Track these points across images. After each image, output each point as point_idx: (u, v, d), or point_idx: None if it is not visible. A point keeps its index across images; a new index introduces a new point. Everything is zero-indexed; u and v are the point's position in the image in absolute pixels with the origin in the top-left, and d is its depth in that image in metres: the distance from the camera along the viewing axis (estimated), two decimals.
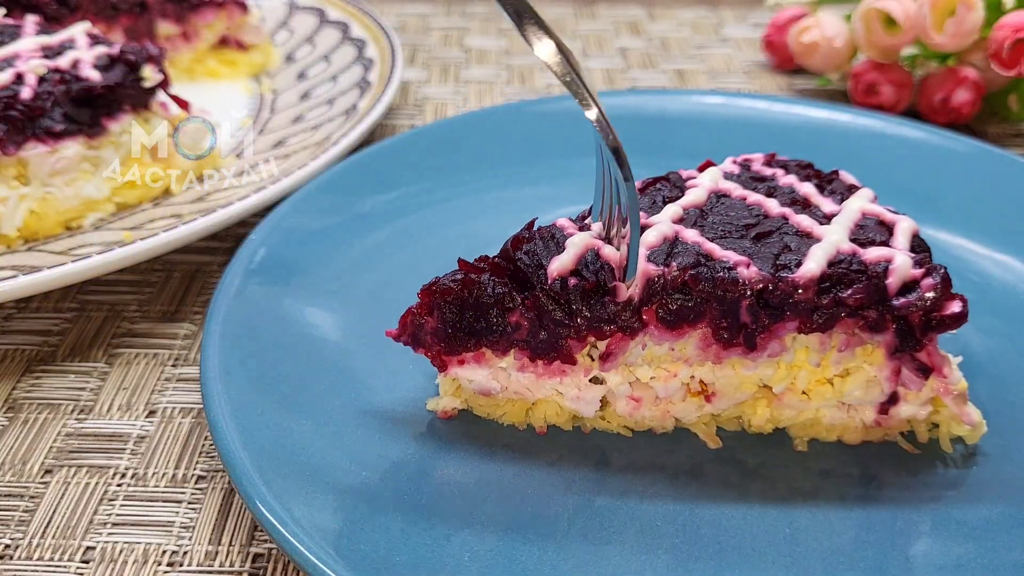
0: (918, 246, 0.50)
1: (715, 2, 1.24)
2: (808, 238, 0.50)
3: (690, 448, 0.52)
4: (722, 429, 0.53)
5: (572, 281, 0.48)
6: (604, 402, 0.53)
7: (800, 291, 0.47)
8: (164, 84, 0.72)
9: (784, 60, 1.04)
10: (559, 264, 0.48)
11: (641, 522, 0.47)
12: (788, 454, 0.52)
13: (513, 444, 0.52)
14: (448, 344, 0.50)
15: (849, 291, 0.47)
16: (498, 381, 0.52)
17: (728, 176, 0.57)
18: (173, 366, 0.61)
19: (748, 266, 0.48)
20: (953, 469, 0.50)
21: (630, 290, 0.47)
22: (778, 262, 0.48)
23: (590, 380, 0.51)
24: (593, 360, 0.50)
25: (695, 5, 1.23)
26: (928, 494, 0.49)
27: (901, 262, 0.48)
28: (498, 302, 0.48)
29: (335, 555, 0.41)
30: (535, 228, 0.51)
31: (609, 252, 0.48)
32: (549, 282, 0.47)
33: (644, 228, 0.51)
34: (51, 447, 0.55)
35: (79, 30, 0.73)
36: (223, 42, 0.94)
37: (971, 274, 0.64)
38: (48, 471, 0.53)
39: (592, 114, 0.45)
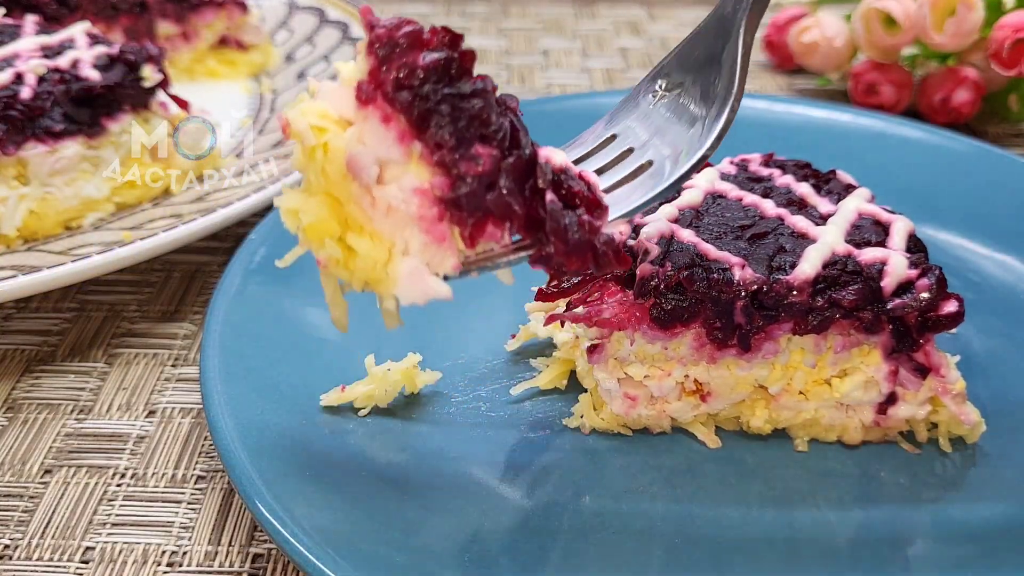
0: (914, 246, 0.50)
1: (715, 2, 1.24)
2: (803, 239, 0.50)
3: (689, 448, 0.52)
4: (721, 429, 0.53)
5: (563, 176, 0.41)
6: (599, 402, 0.53)
7: (795, 292, 0.47)
8: (164, 84, 0.71)
9: (784, 60, 1.04)
10: (557, 155, 0.42)
11: (639, 522, 0.47)
12: (787, 454, 0.52)
13: (508, 446, 0.52)
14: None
15: (844, 292, 0.47)
16: None
17: (725, 177, 0.57)
18: (173, 366, 0.61)
19: (743, 267, 0.48)
20: (952, 469, 0.50)
21: (614, 229, 0.42)
22: (773, 263, 0.48)
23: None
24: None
25: (695, 5, 1.23)
26: (928, 494, 0.49)
27: (896, 263, 0.48)
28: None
29: (335, 555, 0.41)
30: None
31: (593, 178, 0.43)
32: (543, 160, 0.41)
33: (639, 227, 0.51)
34: (50, 447, 0.54)
35: (79, 30, 0.73)
36: (223, 42, 0.94)
37: (970, 274, 0.64)
38: (48, 471, 0.53)
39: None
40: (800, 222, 0.53)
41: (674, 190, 0.44)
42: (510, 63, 1.07)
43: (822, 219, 0.53)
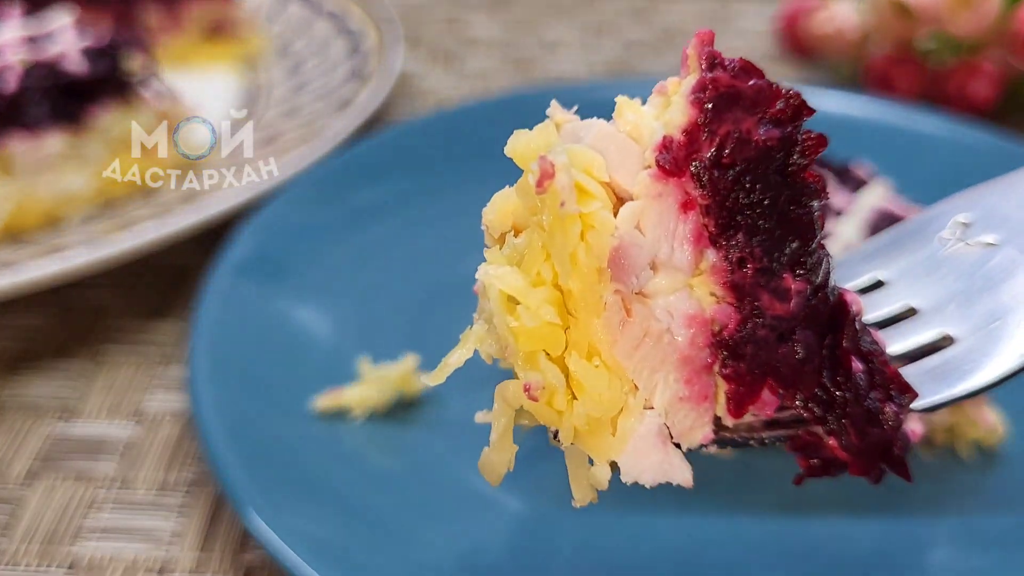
0: None
1: None
2: None
3: (699, 455, 0.50)
4: None
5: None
6: None
7: None
8: (152, 74, 0.70)
9: (797, 51, 1.02)
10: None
11: (646, 532, 0.45)
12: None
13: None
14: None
15: None
16: None
17: None
18: (163, 366, 0.59)
19: None
20: (972, 475, 0.49)
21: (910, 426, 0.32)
22: None
23: None
24: None
25: None
26: (947, 502, 0.47)
27: None
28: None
29: (329, 565, 0.40)
30: None
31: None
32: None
33: None
34: (36, 451, 0.53)
35: (64, 19, 0.71)
36: (214, 31, 0.92)
37: None
38: (33, 476, 0.51)
39: None
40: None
41: (992, 388, 0.31)
42: (511, 53, 1.05)
43: (836, 213, 0.52)
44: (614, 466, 0.29)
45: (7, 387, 0.58)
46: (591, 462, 0.29)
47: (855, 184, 0.56)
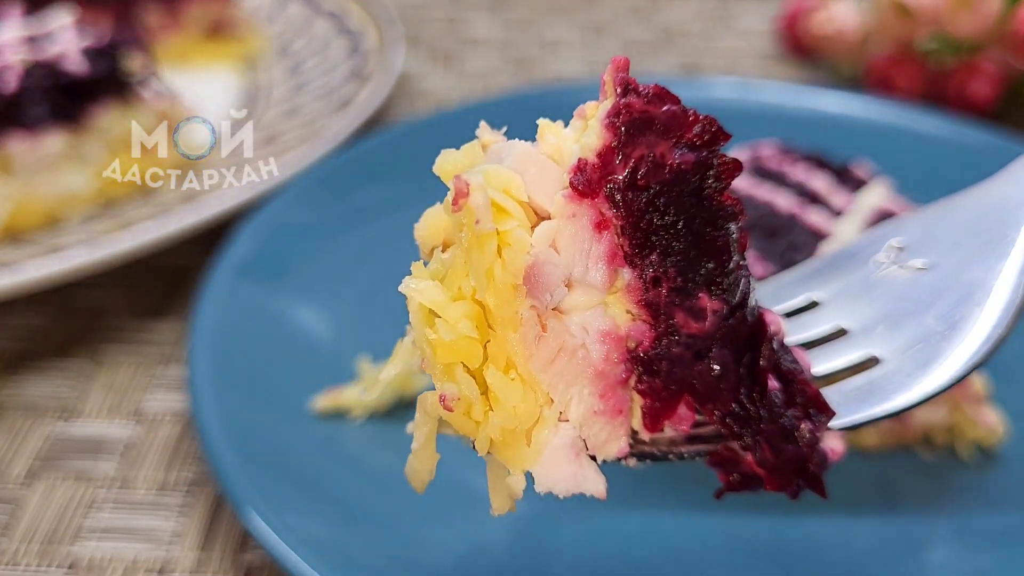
0: None
1: None
2: (817, 235, 0.49)
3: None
4: None
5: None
6: None
7: None
8: (152, 74, 0.70)
9: (797, 51, 1.01)
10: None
11: (646, 531, 0.45)
12: None
13: None
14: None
15: None
16: None
17: None
18: (163, 365, 0.59)
19: (755, 264, 0.46)
20: (972, 475, 0.49)
21: (829, 444, 0.31)
22: (785, 260, 0.47)
23: None
24: None
25: None
26: (947, 502, 0.47)
27: None
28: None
29: (329, 566, 0.40)
30: None
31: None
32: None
33: None
34: (35, 451, 0.53)
35: (64, 19, 0.71)
36: (214, 31, 0.92)
37: None
38: (33, 476, 0.51)
39: None
40: (814, 217, 0.51)
41: (911, 409, 0.32)
42: (512, 53, 1.05)
43: (837, 214, 0.52)
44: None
45: (7, 387, 0.58)
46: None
47: (855, 184, 0.56)
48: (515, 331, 0.28)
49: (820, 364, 0.33)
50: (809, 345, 0.34)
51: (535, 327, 0.28)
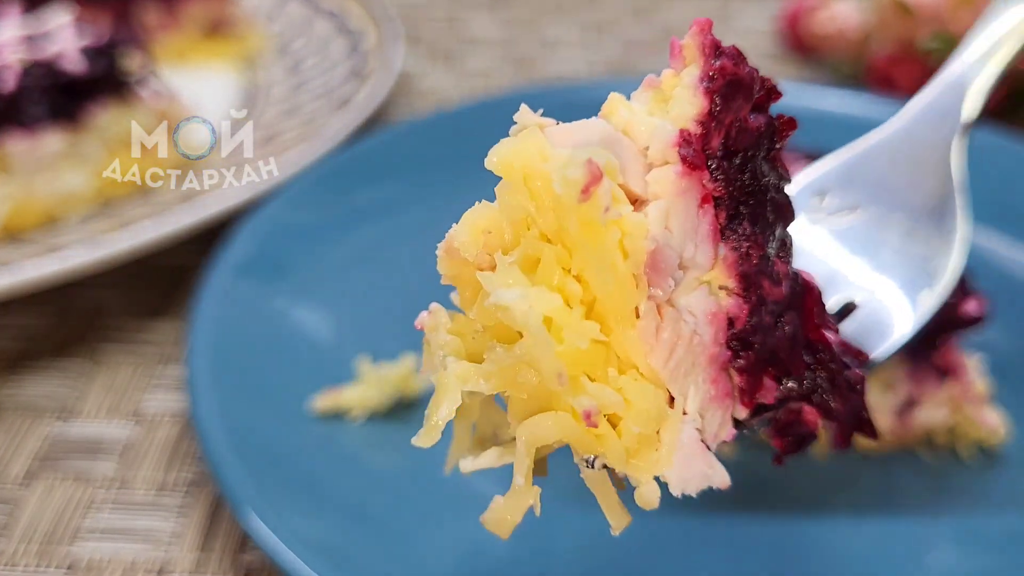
0: None
1: None
2: None
3: None
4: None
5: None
6: None
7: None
8: (151, 73, 0.70)
9: (798, 50, 1.01)
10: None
11: (646, 534, 0.45)
12: (803, 462, 0.50)
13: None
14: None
15: None
16: None
17: None
18: (162, 365, 0.59)
19: None
20: (974, 476, 0.48)
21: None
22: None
23: None
24: None
25: None
26: (949, 503, 0.47)
27: None
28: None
29: (328, 567, 0.39)
30: None
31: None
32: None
33: None
34: (34, 451, 0.53)
35: (62, 18, 0.71)
36: (213, 30, 0.92)
37: (997, 271, 0.62)
38: (32, 476, 0.51)
39: None
40: None
41: (913, 338, 0.32)
42: (512, 53, 1.04)
43: None
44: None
45: (5, 387, 0.58)
46: (627, 483, 0.27)
47: None
48: (633, 327, 0.26)
49: None
50: None
51: (655, 319, 0.26)
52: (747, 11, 1.15)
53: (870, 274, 0.35)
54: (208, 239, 0.64)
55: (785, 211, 0.28)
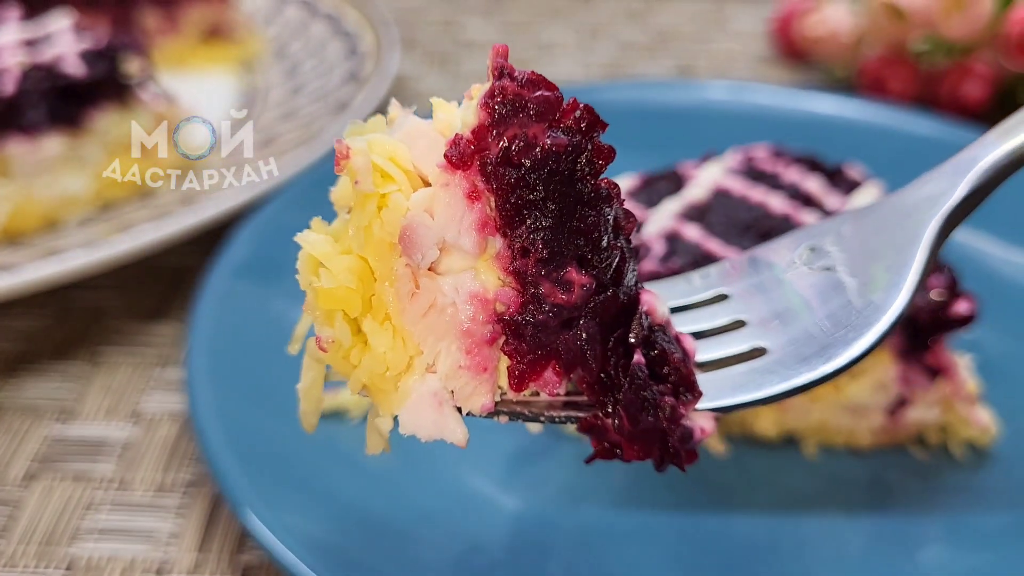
0: None
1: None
2: None
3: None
4: (728, 435, 0.52)
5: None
6: None
7: None
8: (150, 77, 0.70)
9: (790, 53, 1.02)
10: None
11: (642, 531, 0.45)
12: (796, 460, 0.50)
13: (506, 453, 0.50)
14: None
15: None
16: None
17: (730, 171, 0.56)
18: (161, 367, 0.59)
19: None
20: (965, 474, 0.49)
21: (697, 422, 0.33)
22: None
23: None
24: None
25: None
26: (940, 501, 0.48)
27: None
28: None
29: (326, 566, 0.40)
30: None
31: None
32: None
33: (641, 224, 0.50)
34: (34, 452, 0.53)
35: (62, 22, 0.71)
36: (211, 34, 0.92)
37: (986, 273, 0.63)
38: (31, 477, 0.51)
39: None
40: (807, 219, 0.52)
41: (781, 399, 0.34)
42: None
43: (830, 215, 0.52)
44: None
45: (5, 388, 0.58)
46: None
47: (848, 186, 0.56)
48: (391, 285, 0.31)
49: (709, 351, 0.35)
50: (706, 334, 0.36)
51: (409, 283, 0.31)
52: (740, 14, 1.16)
53: (799, 330, 0.35)
54: (207, 241, 0.64)
55: (591, 228, 0.30)
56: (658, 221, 0.50)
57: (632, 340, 0.31)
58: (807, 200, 0.54)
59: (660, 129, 0.76)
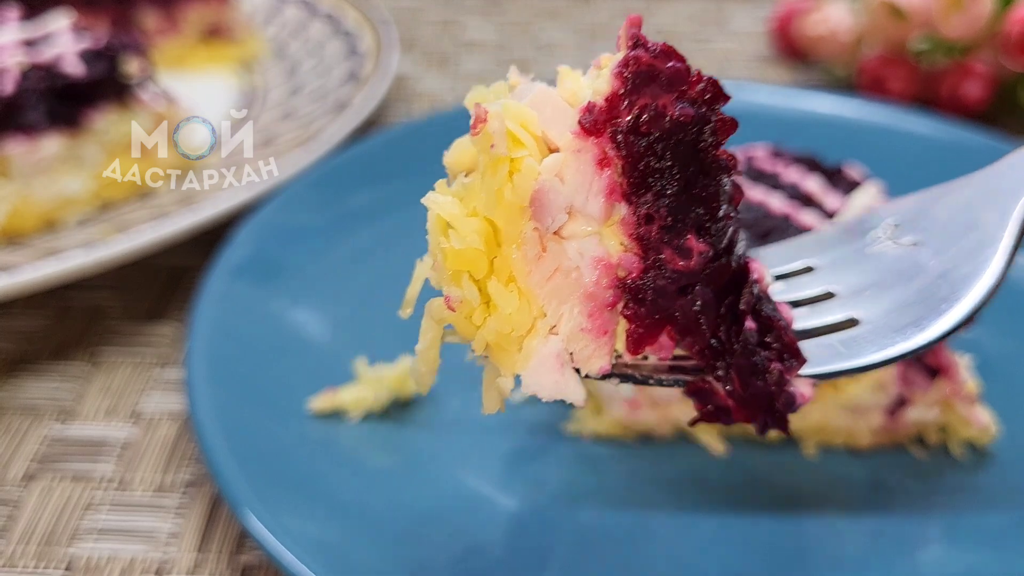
0: None
1: None
2: None
3: (693, 454, 0.50)
4: (727, 435, 0.52)
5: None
6: (598, 405, 0.51)
7: None
8: (149, 77, 0.70)
9: (790, 53, 1.02)
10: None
11: (641, 532, 0.45)
12: (795, 460, 0.50)
13: (505, 453, 0.50)
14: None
15: None
16: None
17: None
18: (160, 367, 0.59)
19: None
20: (964, 474, 0.49)
21: (799, 388, 0.34)
22: None
23: None
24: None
25: None
26: (939, 500, 0.47)
27: None
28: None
29: (325, 566, 0.40)
30: None
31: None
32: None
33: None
34: (33, 453, 0.53)
35: (61, 22, 0.71)
36: (211, 34, 0.92)
37: None
38: (31, 477, 0.51)
39: None
40: (807, 219, 0.52)
41: (878, 367, 0.35)
42: (506, 55, 1.05)
43: (829, 216, 0.52)
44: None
45: (5, 388, 0.58)
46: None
47: (847, 186, 0.56)
48: (518, 248, 0.32)
49: (804, 321, 0.37)
50: (799, 304, 0.38)
51: (536, 247, 0.31)
52: (740, 13, 1.16)
53: (890, 302, 0.36)
54: (206, 241, 0.65)
55: (711, 197, 0.31)
56: None
57: (743, 307, 0.32)
58: (807, 200, 0.54)
59: None
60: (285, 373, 0.53)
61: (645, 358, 0.33)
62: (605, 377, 0.33)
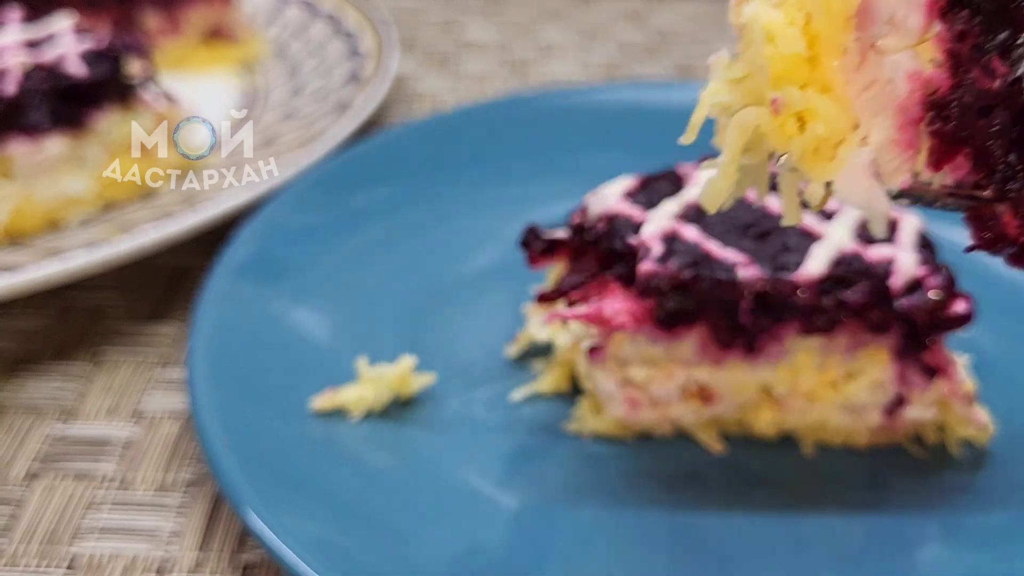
0: (923, 244, 0.49)
1: None
2: (809, 237, 0.49)
3: (692, 453, 0.51)
4: (725, 434, 0.52)
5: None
6: (599, 404, 0.51)
7: (800, 292, 0.46)
8: (151, 78, 0.70)
9: None
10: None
11: (640, 531, 0.46)
12: (794, 459, 0.50)
13: (505, 452, 0.50)
14: None
15: (851, 292, 0.46)
16: None
17: None
18: (162, 366, 0.60)
19: (747, 266, 0.47)
20: (963, 473, 0.49)
21: None
22: (778, 262, 0.48)
23: None
24: None
25: None
26: (937, 499, 0.48)
27: (905, 261, 0.47)
28: None
29: (326, 565, 0.40)
30: None
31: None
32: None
33: (639, 225, 0.50)
34: (35, 452, 0.53)
35: (64, 23, 0.71)
36: (213, 35, 0.92)
37: (981, 273, 0.63)
38: (33, 476, 0.52)
39: None
40: (806, 219, 0.52)
41: None
42: (508, 57, 1.05)
43: (828, 216, 0.52)
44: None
45: (7, 388, 0.58)
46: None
47: None
48: (839, 59, 0.32)
49: None
50: None
51: (856, 57, 0.32)
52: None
53: None
54: (208, 241, 0.65)
55: (1019, 20, 0.31)
56: (657, 222, 0.50)
57: None
58: (805, 200, 0.54)
59: (659, 130, 0.76)
60: (286, 372, 0.53)
61: (929, 184, 0.33)
62: (898, 196, 0.33)
